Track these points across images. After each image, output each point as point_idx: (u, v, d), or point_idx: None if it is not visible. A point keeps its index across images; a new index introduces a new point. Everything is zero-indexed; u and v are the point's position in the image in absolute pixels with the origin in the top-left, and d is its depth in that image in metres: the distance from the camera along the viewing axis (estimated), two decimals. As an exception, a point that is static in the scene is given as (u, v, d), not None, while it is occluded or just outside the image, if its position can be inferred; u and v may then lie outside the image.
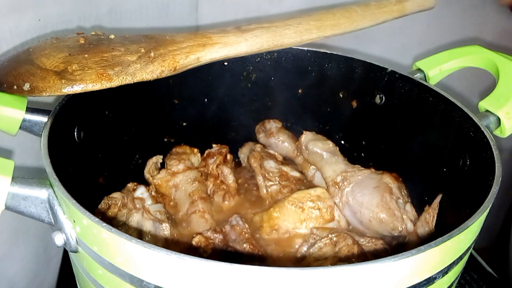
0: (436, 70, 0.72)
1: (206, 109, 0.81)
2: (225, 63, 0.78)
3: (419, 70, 0.73)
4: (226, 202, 0.75)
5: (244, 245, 0.62)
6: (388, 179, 0.67)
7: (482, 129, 0.60)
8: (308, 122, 0.84)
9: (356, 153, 0.81)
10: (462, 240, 0.46)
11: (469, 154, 0.62)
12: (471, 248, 0.51)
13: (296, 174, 0.77)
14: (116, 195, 0.67)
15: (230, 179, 0.76)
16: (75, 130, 0.64)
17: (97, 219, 0.44)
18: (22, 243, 0.76)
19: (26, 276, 0.79)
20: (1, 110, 0.58)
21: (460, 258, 0.48)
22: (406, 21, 0.80)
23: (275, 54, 0.79)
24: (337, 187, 0.68)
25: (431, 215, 0.63)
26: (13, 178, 0.47)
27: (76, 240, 0.49)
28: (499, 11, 1.08)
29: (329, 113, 0.82)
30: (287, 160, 0.82)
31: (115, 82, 0.56)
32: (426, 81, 0.72)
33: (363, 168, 0.72)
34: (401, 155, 0.74)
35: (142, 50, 0.59)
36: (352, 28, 0.73)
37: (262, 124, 0.84)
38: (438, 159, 0.68)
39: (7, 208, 0.48)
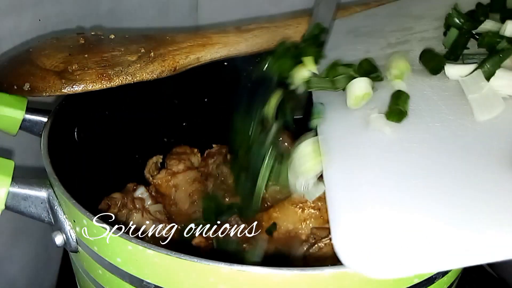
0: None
1: (206, 109, 0.81)
2: (225, 63, 0.78)
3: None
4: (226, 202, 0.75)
5: (244, 245, 0.62)
6: (388, 179, 0.67)
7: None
8: (308, 122, 0.83)
9: (356, 153, 0.81)
10: (462, 240, 0.46)
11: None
12: (471, 248, 0.51)
13: (296, 174, 0.77)
14: (116, 195, 0.67)
15: (230, 179, 0.76)
16: (75, 130, 0.64)
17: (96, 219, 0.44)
18: (22, 243, 0.76)
19: (26, 276, 0.79)
20: (1, 110, 0.58)
21: (460, 258, 0.48)
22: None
23: (275, 54, 0.79)
24: (337, 187, 0.68)
25: (431, 215, 0.63)
26: (13, 178, 0.48)
27: (76, 240, 0.49)
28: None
29: (329, 113, 0.82)
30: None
31: (115, 82, 0.56)
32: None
33: (363, 168, 0.71)
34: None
35: (142, 50, 0.60)
36: (352, 28, 0.73)
37: (262, 124, 0.84)
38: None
39: (7, 208, 0.48)
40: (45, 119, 0.59)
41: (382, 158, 0.43)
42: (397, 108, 0.47)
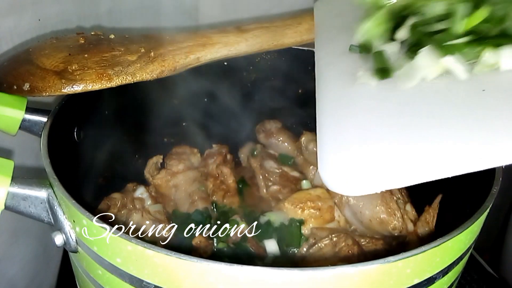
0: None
1: (206, 109, 0.81)
2: (225, 63, 0.78)
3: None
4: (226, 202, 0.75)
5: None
6: (388, 179, 0.68)
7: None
8: (308, 122, 0.84)
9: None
10: (462, 240, 0.46)
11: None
12: (471, 248, 0.51)
13: (296, 174, 0.77)
14: (116, 195, 0.67)
15: (230, 179, 0.76)
16: (75, 130, 0.64)
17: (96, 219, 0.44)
18: (22, 243, 0.76)
19: (26, 276, 0.79)
20: (1, 110, 0.58)
21: (460, 258, 0.48)
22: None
23: (275, 54, 0.80)
24: (337, 187, 0.68)
25: (431, 215, 0.63)
26: (12, 178, 0.48)
27: (76, 240, 0.49)
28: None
29: (329, 113, 0.82)
30: (287, 160, 0.82)
31: (115, 82, 0.56)
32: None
33: (363, 168, 0.72)
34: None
35: (142, 50, 0.60)
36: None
37: (262, 124, 0.84)
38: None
39: (7, 208, 0.48)
40: (44, 119, 0.59)
41: (363, 107, 0.54)
42: (382, 67, 0.57)
